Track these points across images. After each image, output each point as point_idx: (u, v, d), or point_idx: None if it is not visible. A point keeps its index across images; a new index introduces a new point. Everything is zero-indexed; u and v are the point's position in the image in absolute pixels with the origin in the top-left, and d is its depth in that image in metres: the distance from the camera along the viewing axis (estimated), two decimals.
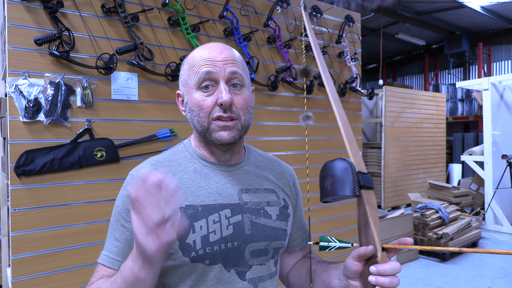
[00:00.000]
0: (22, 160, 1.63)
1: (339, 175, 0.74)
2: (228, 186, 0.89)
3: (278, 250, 0.92)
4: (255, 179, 0.94)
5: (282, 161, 1.06)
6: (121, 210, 0.85)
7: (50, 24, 1.70)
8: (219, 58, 0.84)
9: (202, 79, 0.84)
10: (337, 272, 0.85)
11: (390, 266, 0.70)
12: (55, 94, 1.69)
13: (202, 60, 0.84)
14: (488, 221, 5.72)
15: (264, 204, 0.91)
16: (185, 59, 0.91)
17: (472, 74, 11.15)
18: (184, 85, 0.89)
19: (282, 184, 0.99)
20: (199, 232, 0.82)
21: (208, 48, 0.87)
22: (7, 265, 2.03)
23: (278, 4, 2.49)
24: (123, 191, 0.88)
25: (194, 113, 0.86)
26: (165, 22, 2.04)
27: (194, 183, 0.87)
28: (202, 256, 0.81)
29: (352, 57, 2.93)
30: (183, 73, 0.90)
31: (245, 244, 0.86)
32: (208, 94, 0.84)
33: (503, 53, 10.50)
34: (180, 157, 0.92)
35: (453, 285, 3.66)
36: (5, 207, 2.18)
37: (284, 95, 2.56)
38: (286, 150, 2.56)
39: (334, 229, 2.82)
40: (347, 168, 0.74)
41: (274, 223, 0.91)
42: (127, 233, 0.84)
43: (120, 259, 0.83)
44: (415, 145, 7.09)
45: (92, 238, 1.79)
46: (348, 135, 0.81)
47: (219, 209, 0.85)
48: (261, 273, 0.88)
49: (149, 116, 1.97)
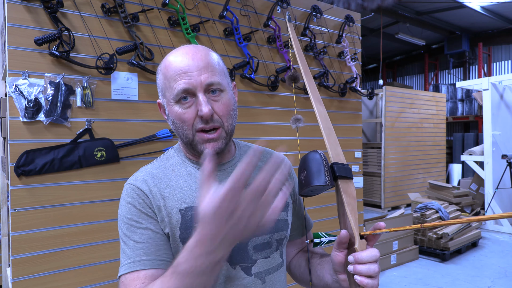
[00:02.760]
0: (22, 160, 1.63)
1: (311, 166, 0.77)
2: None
3: (282, 241, 0.92)
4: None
5: (275, 151, 1.05)
6: (131, 216, 0.83)
7: (50, 24, 1.70)
8: (193, 68, 0.81)
9: (179, 94, 0.82)
10: (329, 267, 0.87)
11: (367, 253, 0.71)
12: (55, 94, 1.69)
13: (176, 74, 0.82)
14: (488, 221, 5.72)
15: None
16: (159, 68, 0.88)
17: (472, 74, 11.15)
18: (162, 95, 0.88)
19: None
20: None
21: (180, 55, 0.84)
22: (7, 265, 2.03)
23: (278, 4, 2.49)
24: (125, 200, 0.85)
25: (177, 125, 0.85)
26: (165, 22, 2.04)
27: (191, 185, 0.87)
28: None
29: (352, 57, 2.93)
30: (159, 83, 0.88)
31: (247, 239, 0.85)
32: (187, 106, 0.82)
33: (503, 53, 10.49)
34: (172, 163, 0.92)
35: (453, 285, 3.66)
36: (5, 207, 2.18)
37: (284, 95, 2.56)
38: (286, 150, 2.56)
39: (334, 229, 2.82)
40: (318, 159, 0.77)
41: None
42: (148, 232, 0.81)
43: (151, 257, 0.79)
44: (415, 145, 7.09)
45: (92, 238, 1.79)
46: (326, 129, 0.85)
47: None
48: (266, 266, 0.88)
49: (149, 116, 1.97)
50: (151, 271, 0.78)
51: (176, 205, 0.83)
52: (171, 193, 0.85)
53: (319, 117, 0.86)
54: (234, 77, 2.26)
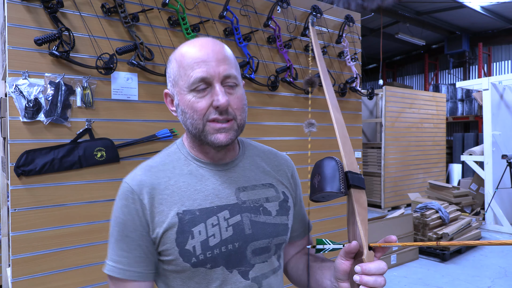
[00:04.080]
0: (22, 160, 1.63)
1: (326, 172, 0.76)
2: (225, 186, 0.87)
3: (281, 245, 0.91)
4: (252, 175, 0.92)
5: (279, 152, 1.04)
6: (123, 221, 0.83)
7: (50, 24, 1.70)
8: (212, 58, 0.80)
9: (195, 82, 0.80)
10: (330, 273, 0.86)
11: (375, 265, 0.70)
12: (55, 94, 1.69)
13: (194, 62, 0.80)
14: (488, 221, 5.72)
15: (263, 200, 0.89)
16: (173, 56, 0.86)
17: (472, 74, 11.15)
18: (173, 85, 0.85)
19: (280, 176, 0.97)
20: (198, 238, 0.81)
21: (198, 45, 0.82)
22: (7, 265, 2.03)
23: (278, 4, 2.49)
24: (120, 201, 0.84)
25: (187, 115, 0.83)
26: (165, 22, 2.04)
27: (190, 187, 0.85)
28: (203, 260, 0.81)
29: (352, 57, 2.93)
30: (171, 72, 0.86)
31: (246, 244, 0.84)
32: (202, 96, 0.81)
33: (503, 53, 10.50)
34: (174, 159, 0.89)
35: (453, 285, 3.66)
36: (5, 207, 2.18)
37: (284, 95, 2.56)
38: (286, 150, 2.56)
39: (334, 229, 2.82)
40: (333, 166, 0.76)
41: (274, 219, 0.89)
42: (134, 244, 0.82)
43: (133, 269, 0.82)
44: (415, 145, 7.09)
45: (92, 238, 1.79)
46: (342, 137, 0.83)
47: (217, 212, 0.83)
48: (264, 270, 0.87)
49: (149, 116, 1.97)
50: (130, 283, 0.82)
51: (174, 208, 0.82)
52: (170, 195, 0.83)
53: (336, 125, 0.83)
54: None
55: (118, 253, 0.83)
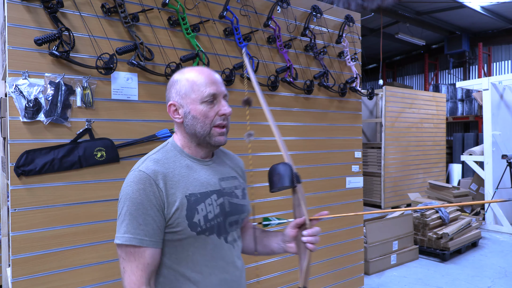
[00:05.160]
0: (22, 160, 1.63)
1: (283, 172, 1.16)
2: (211, 176, 1.19)
3: (243, 220, 1.27)
4: (224, 169, 1.25)
5: (234, 153, 1.38)
6: (141, 201, 1.05)
7: (50, 24, 1.70)
8: (218, 82, 1.16)
9: (208, 96, 1.12)
10: (276, 238, 1.26)
11: (314, 230, 1.16)
12: (55, 94, 1.69)
13: (206, 82, 1.13)
14: (488, 221, 5.72)
15: (233, 188, 1.24)
16: (182, 76, 1.15)
17: (472, 74, 11.15)
18: (183, 97, 1.14)
19: (238, 171, 1.32)
20: (201, 213, 1.11)
21: (206, 71, 1.16)
22: (7, 265, 2.04)
23: (278, 4, 2.49)
24: (137, 185, 1.06)
25: (198, 120, 1.13)
26: (165, 22, 2.04)
27: (190, 176, 1.14)
28: (204, 230, 1.11)
29: (352, 57, 2.93)
30: (182, 88, 1.14)
31: (226, 218, 1.18)
32: (211, 107, 1.13)
33: (503, 53, 10.49)
34: (172, 155, 1.16)
35: (453, 285, 3.66)
36: (5, 207, 2.18)
37: (284, 95, 2.56)
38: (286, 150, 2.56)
39: (334, 229, 2.83)
40: (288, 169, 1.16)
41: (241, 201, 1.25)
42: (149, 218, 1.06)
43: (148, 238, 1.05)
44: (415, 145, 7.09)
45: (92, 238, 1.79)
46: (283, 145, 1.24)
47: (210, 195, 1.15)
48: (235, 236, 1.23)
49: (149, 116, 1.97)
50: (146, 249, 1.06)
51: (182, 192, 1.10)
52: (177, 182, 1.11)
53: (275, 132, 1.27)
54: (234, 77, 2.26)
55: (135, 226, 1.05)
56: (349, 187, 2.94)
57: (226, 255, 1.18)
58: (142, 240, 1.05)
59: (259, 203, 2.39)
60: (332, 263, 2.83)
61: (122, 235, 1.06)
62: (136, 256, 1.06)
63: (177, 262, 1.12)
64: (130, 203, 1.06)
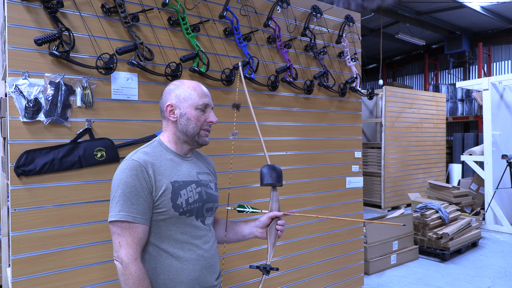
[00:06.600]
0: (22, 160, 1.63)
1: (277, 173, 1.57)
2: (191, 169, 1.44)
3: (216, 208, 1.52)
4: (201, 165, 1.51)
5: (207, 156, 1.65)
6: (134, 185, 1.27)
7: (50, 24, 1.70)
8: (209, 95, 1.46)
9: (202, 105, 1.41)
10: (248, 226, 1.56)
11: (284, 221, 1.55)
12: (55, 94, 1.69)
13: (202, 94, 1.42)
14: (488, 221, 5.72)
15: (208, 181, 1.49)
16: (181, 84, 1.43)
17: (472, 74, 11.15)
18: (181, 101, 1.40)
19: (211, 170, 1.58)
20: (183, 197, 1.35)
21: (201, 86, 1.45)
22: (7, 265, 2.04)
23: (278, 4, 2.49)
24: (130, 171, 1.28)
25: (191, 122, 1.39)
26: (165, 22, 2.04)
27: (174, 167, 1.39)
28: (185, 211, 1.35)
29: (352, 57, 2.93)
30: (181, 92, 1.40)
31: (203, 204, 1.42)
32: (202, 113, 1.42)
33: (503, 53, 10.49)
34: (158, 150, 1.40)
35: (453, 285, 3.66)
36: (5, 207, 2.18)
37: (284, 95, 2.56)
38: (286, 150, 2.57)
39: (334, 229, 2.83)
40: (280, 170, 1.59)
41: (214, 192, 1.51)
42: (141, 199, 1.27)
43: (140, 216, 1.27)
44: (415, 145, 7.09)
45: (92, 238, 1.79)
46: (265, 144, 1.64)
47: (190, 184, 1.39)
48: (210, 221, 1.47)
49: (149, 116, 1.97)
50: (138, 225, 1.27)
51: (168, 179, 1.34)
52: (163, 171, 1.34)
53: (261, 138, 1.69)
54: (234, 77, 2.26)
55: (128, 205, 1.26)
56: (349, 187, 2.94)
57: (204, 235, 1.41)
58: (135, 217, 1.26)
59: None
60: (332, 263, 2.83)
61: (117, 213, 1.25)
62: (130, 231, 1.26)
63: (160, 240, 1.33)
64: (125, 186, 1.26)
